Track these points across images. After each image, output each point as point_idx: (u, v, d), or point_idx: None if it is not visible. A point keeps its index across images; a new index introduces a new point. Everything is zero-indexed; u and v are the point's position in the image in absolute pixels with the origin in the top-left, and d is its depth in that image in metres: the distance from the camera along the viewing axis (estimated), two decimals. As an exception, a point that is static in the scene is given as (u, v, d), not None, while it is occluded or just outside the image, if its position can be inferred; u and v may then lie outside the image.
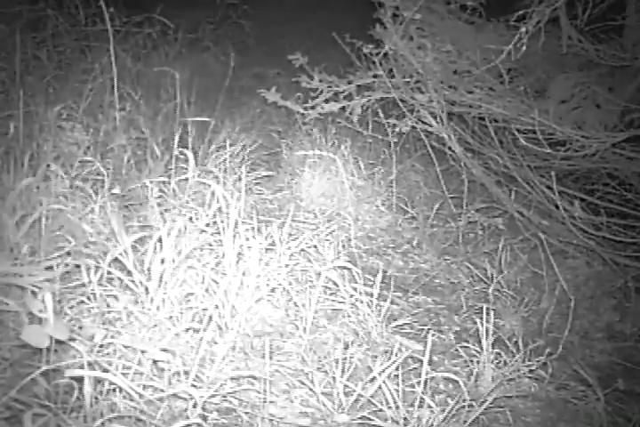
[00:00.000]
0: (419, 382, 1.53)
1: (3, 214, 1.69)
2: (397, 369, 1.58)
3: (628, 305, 2.49)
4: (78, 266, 1.64)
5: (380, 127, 3.07)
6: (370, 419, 1.50)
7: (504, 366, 1.76)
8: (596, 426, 1.81)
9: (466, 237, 2.78)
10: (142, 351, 1.41)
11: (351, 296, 1.95)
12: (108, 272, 1.63)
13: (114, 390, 1.33)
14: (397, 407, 1.50)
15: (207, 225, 1.93)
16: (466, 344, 1.97)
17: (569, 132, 2.64)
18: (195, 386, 1.43)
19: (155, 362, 1.44)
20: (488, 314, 1.80)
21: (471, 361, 1.82)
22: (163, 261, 1.65)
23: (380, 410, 1.53)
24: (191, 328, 1.64)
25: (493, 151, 2.93)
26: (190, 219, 1.95)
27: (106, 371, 1.32)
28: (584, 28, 2.70)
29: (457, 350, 1.98)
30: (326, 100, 3.00)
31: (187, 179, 2.10)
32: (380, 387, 1.54)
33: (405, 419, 1.50)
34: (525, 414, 1.82)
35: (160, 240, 1.67)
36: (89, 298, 1.62)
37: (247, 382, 1.59)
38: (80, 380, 1.26)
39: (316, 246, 2.18)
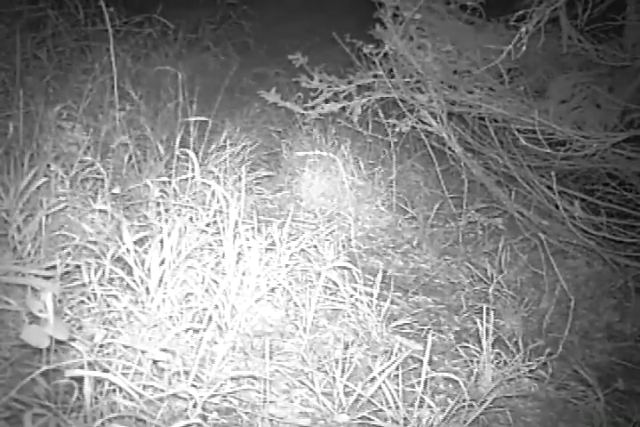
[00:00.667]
0: (419, 382, 1.53)
1: (6, 214, 1.69)
2: (397, 369, 1.58)
3: (627, 305, 2.49)
4: (79, 266, 1.64)
5: (380, 127, 3.07)
6: (370, 419, 1.50)
7: (504, 366, 1.76)
8: (596, 426, 1.81)
9: (466, 237, 2.78)
10: (142, 351, 1.41)
11: (351, 296, 1.95)
12: (109, 272, 1.63)
13: (114, 390, 1.33)
14: (397, 407, 1.50)
15: (207, 225, 1.93)
16: (466, 344, 1.97)
17: (569, 132, 2.64)
18: (195, 386, 1.43)
19: (155, 362, 1.44)
20: (488, 314, 1.80)
21: (471, 361, 1.82)
22: (163, 262, 1.65)
23: (380, 410, 1.53)
24: (191, 328, 1.64)
25: (493, 151, 2.93)
26: (190, 219, 1.95)
27: (106, 371, 1.32)
28: (584, 28, 2.70)
29: (457, 350, 1.98)
30: (326, 101, 3.00)
31: (187, 179, 2.10)
32: (379, 387, 1.54)
33: (405, 419, 1.50)
34: (525, 414, 1.82)
35: (161, 240, 1.67)
36: (89, 298, 1.62)
37: (247, 382, 1.59)
38: (80, 380, 1.26)
39: (315, 246, 2.18)
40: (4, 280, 1.48)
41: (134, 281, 1.64)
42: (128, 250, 1.65)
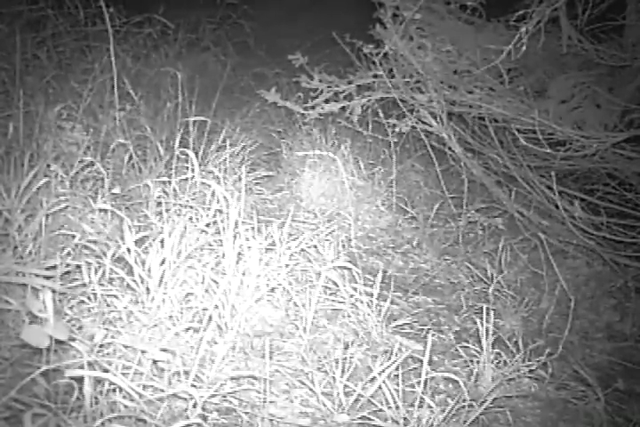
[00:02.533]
0: (419, 382, 1.53)
1: (7, 214, 1.69)
2: (397, 369, 1.58)
3: (627, 305, 2.50)
4: (79, 266, 1.64)
5: (380, 127, 3.07)
6: (370, 419, 1.50)
7: (504, 366, 1.76)
8: (596, 426, 1.81)
9: (466, 237, 2.78)
10: (142, 351, 1.41)
11: (351, 296, 1.95)
12: (109, 272, 1.63)
13: (114, 390, 1.33)
14: (397, 407, 1.50)
15: (207, 225, 1.93)
16: (466, 344, 1.97)
17: (569, 132, 2.64)
18: (195, 386, 1.43)
19: (155, 362, 1.44)
20: (488, 314, 1.80)
21: (471, 361, 1.82)
22: (163, 261, 1.65)
23: (380, 410, 1.53)
24: (191, 328, 1.64)
25: (493, 151, 2.93)
26: (190, 219, 1.95)
27: (106, 371, 1.32)
28: (584, 28, 2.70)
29: (457, 350, 1.98)
30: (326, 100, 3.00)
31: (187, 179, 2.10)
32: (380, 387, 1.54)
33: (405, 419, 1.50)
34: (525, 414, 1.82)
35: (161, 240, 1.67)
36: (89, 298, 1.62)
37: (247, 382, 1.59)
38: (80, 380, 1.26)
39: (316, 246, 2.18)
40: (5, 280, 1.48)
41: (134, 281, 1.64)
42: (128, 250, 1.65)
